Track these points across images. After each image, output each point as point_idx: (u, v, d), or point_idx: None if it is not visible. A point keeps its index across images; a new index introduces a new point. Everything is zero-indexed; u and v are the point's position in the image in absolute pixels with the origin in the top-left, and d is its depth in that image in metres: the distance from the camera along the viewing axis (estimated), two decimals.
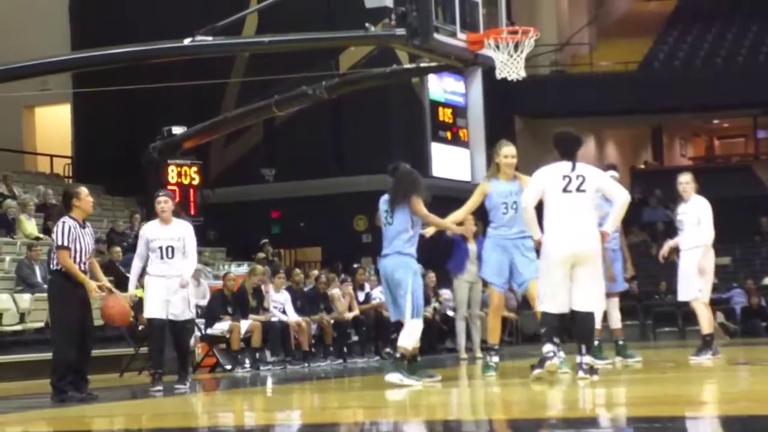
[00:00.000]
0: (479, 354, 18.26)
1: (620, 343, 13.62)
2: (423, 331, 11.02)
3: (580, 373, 10.15)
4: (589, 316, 10.30)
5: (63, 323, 11.50)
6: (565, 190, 10.23)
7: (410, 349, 10.91)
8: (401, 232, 10.93)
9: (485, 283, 12.94)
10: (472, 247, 17.44)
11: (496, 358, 11.76)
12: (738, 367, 12.33)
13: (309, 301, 19.32)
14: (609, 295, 13.28)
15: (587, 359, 10.22)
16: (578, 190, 10.22)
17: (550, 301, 10.35)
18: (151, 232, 12.57)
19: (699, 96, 33.00)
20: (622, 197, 10.32)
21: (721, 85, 32.60)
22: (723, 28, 37.59)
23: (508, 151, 11.67)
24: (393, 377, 10.68)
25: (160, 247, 12.51)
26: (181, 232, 12.65)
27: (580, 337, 10.33)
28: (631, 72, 34.51)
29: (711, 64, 35.12)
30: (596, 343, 13.36)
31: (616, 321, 13.64)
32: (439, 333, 21.15)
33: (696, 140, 43.20)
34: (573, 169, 10.29)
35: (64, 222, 11.45)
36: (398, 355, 10.92)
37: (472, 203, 11.78)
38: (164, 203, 12.68)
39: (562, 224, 10.21)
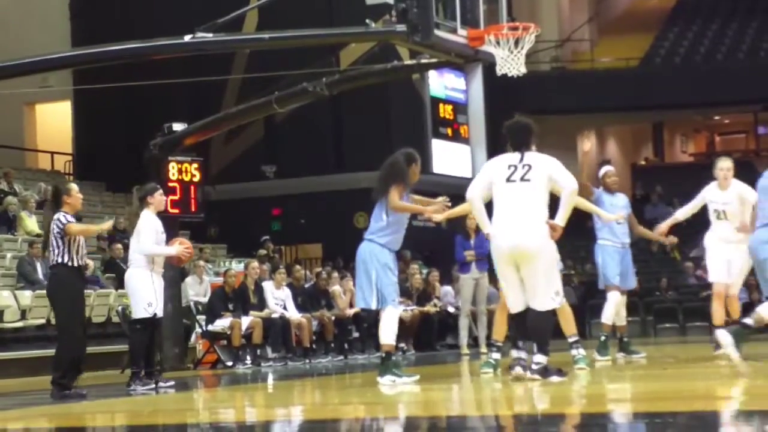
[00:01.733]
0: (484, 350, 18.28)
1: (624, 340, 13.54)
2: (423, 327, 10.96)
3: (529, 373, 9.86)
4: (541, 315, 9.90)
5: (69, 318, 11.49)
6: (508, 179, 9.84)
7: (391, 343, 10.50)
8: (377, 221, 10.66)
9: (491, 279, 12.93)
10: (472, 243, 17.49)
11: (497, 355, 11.67)
12: (741, 362, 12.31)
13: (310, 298, 19.33)
14: (621, 292, 13.33)
15: (539, 358, 9.90)
16: (522, 179, 9.80)
17: (508, 300, 10.05)
18: (157, 223, 12.40)
19: (700, 92, 32.99)
20: (568, 186, 9.80)
21: (722, 81, 32.58)
22: (724, 24, 37.58)
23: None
24: (385, 380, 10.44)
25: (164, 241, 12.42)
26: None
27: (532, 336, 9.96)
28: (631, 68, 34.49)
29: (712, 60, 35.09)
30: (602, 338, 13.33)
31: (621, 318, 13.50)
32: (439, 329, 21.15)
33: (697, 136, 43.19)
34: (521, 159, 9.88)
35: (63, 214, 11.44)
36: (383, 354, 10.62)
37: (461, 208, 11.74)
38: (163, 195, 12.64)
39: (505, 217, 9.82)
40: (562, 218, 9.87)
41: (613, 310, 13.34)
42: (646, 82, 33.14)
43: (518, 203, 9.76)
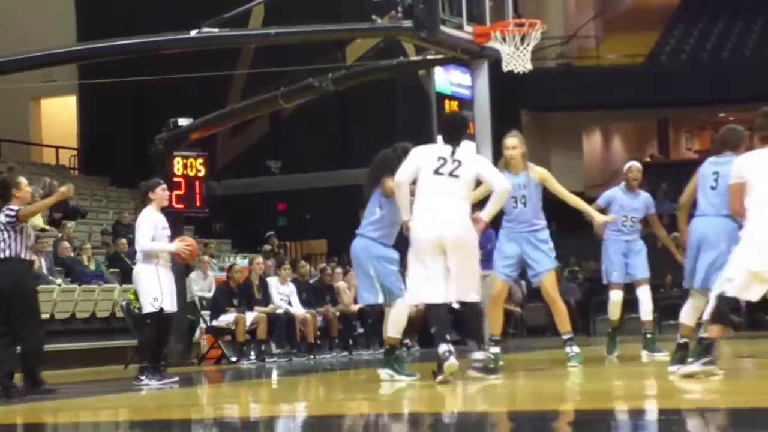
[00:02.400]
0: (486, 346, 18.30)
1: (648, 336, 13.04)
2: (427, 324, 10.85)
3: (473, 372, 9.72)
4: (475, 308, 9.83)
5: (33, 308, 11.33)
6: (437, 171, 9.61)
7: (396, 337, 10.41)
8: (369, 216, 10.47)
9: None
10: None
11: (496, 349, 11.59)
12: (743, 360, 12.31)
13: (314, 293, 19.33)
14: (637, 283, 13.06)
15: (480, 355, 9.76)
16: (451, 174, 9.60)
17: (426, 289, 9.69)
18: (158, 219, 12.29)
19: (705, 89, 32.96)
20: (499, 186, 9.70)
21: (727, 79, 32.55)
22: (729, 21, 37.53)
23: (508, 143, 11.35)
24: (383, 373, 10.35)
25: (168, 236, 12.33)
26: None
27: (469, 332, 9.83)
28: (637, 65, 34.47)
29: (717, 57, 35.06)
30: (608, 332, 13.15)
31: (645, 312, 13.04)
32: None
33: (702, 133, 43.15)
34: (453, 153, 9.66)
35: (9, 206, 11.22)
36: (387, 347, 10.51)
37: (477, 193, 11.70)
38: (166, 191, 12.52)
39: (429, 207, 9.60)
40: (487, 214, 9.80)
41: (615, 307, 13.12)
42: (652, 79, 33.11)
43: (444, 196, 9.57)
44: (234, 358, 17.33)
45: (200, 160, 17.65)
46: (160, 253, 12.12)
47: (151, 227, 12.10)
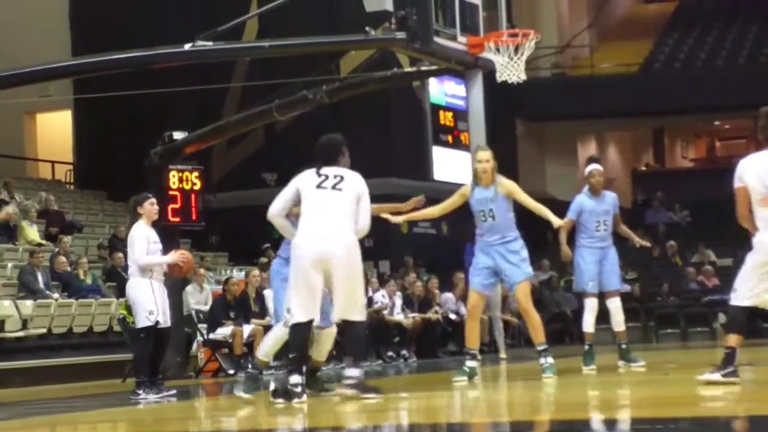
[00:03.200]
0: (503, 354, 18.32)
1: (623, 346, 12.84)
2: (425, 334, 10.85)
3: (344, 390, 9.54)
4: (357, 328, 9.61)
5: None
6: (319, 186, 9.59)
7: (264, 360, 10.63)
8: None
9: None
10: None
11: (472, 363, 11.50)
12: (741, 369, 12.31)
13: None
14: (608, 294, 12.85)
15: (355, 372, 9.57)
16: (334, 188, 9.57)
17: (299, 309, 9.50)
18: (150, 233, 12.29)
19: (700, 97, 33.00)
20: (362, 225, 9.61)
21: (722, 87, 32.58)
22: (723, 29, 37.58)
23: (481, 155, 11.37)
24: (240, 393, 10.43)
25: (160, 250, 12.33)
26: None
27: (352, 350, 9.76)
28: (631, 74, 34.51)
29: (712, 65, 35.11)
30: (585, 347, 12.91)
31: (617, 323, 12.81)
32: (441, 336, 21.17)
33: (697, 142, 43.21)
34: (333, 171, 9.66)
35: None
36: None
37: (448, 203, 11.66)
38: (155, 206, 12.51)
39: (313, 223, 9.50)
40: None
41: (591, 317, 12.85)
42: (646, 88, 33.15)
43: (328, 210, 9.52)
44: (231, 371, 17.32)
45: (196, 174, 17.67)
46: (154, 267, 12.12)
47: (144, 241, 12.10)
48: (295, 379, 9.43)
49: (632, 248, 13.48)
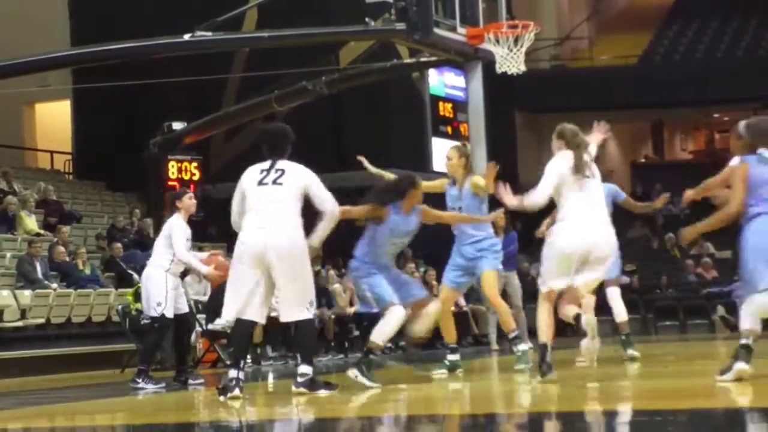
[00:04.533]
0: (495, 346, 18.34)
1: (622, 337, 12.70)
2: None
3: (299, 387, 9.36)
4: (309, 324, 9.48)
5: None
6: (260, 183, 9.46)
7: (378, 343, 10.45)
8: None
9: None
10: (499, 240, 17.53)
11: (453, 356, 11.52)
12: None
13: None
14: (606, 283, 12.64)
15: (305, 369, 9.42)
16: (274, 182, 9.44)
17: (240, 307, 9.39)
18: (186, 229, 12.41)
19: (699, 90, 32.98)
20: (328, 210, 9.63)
21: (721, 79, 32.58)
22: (723, 22, 37.57)
23: (447, 154, 11.48)
24: (350, 372, 10.28)
25: (190, 246, 12.52)
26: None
27: (301, 347, 9.69)
28: (631, 66, 34.49)
29: (711, 58, 35.09)
30: (623, 337, 12.74)
31: (619, 314, 12.61)
32: (438, 327, 21.13)
33: (696, 134, 43.18)
34: (273, 164, 9.54)
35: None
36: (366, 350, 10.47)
37: (430, 184, 11.70)
38: (193, 199, 12.70)
39: (255, 218, 9.41)
40: (317, 237, 9.66)
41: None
42: (646, 80, 33.13)
43: (270, 205, 9.38)
44: (230, 362, 17.30)
45: (195, 164, 17.68)
46: (172, 265, 12.27)
47: (183, 236, 12.24)
48: (232, 373, 9.35)
49: (631, 240, 13.43)
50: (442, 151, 27.68)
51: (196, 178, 17.63)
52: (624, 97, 33.25)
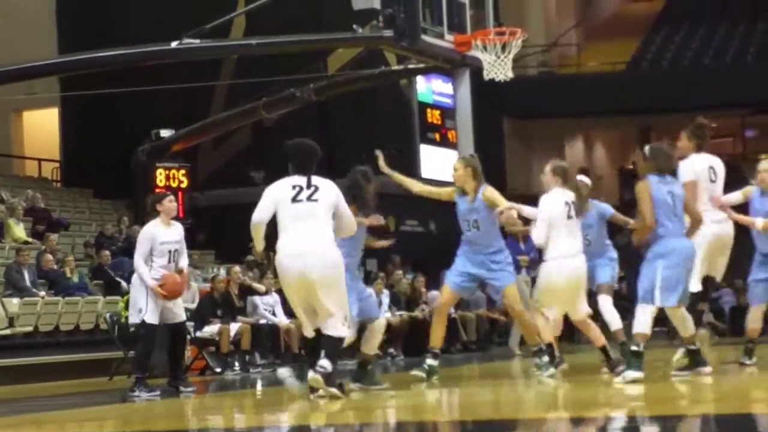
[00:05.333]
0: (518, 351, 18.36)
1: (619, 346, 12.34)
2: (412, 333, 10.90)
3: (316, 375, 9.41)
4: (334, 341, 9.52)
5: None
6: (294, 200, 9.54)
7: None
8: None
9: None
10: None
11: (432, 361, 11.48)
12: (727, 367, 12.34)
13: None
14: (599, 289, 12.52)
15: (327, 363, 9.43)
16: (309, 199, 9.55)
17: (302, 323, 9.73)
18: (159, 233, 12.37)
19: (687, 96, 33.04)
20: (346, 229, 9.74)
21: (709, 85, 32.67)
22: (710, 28, 37.66)
23: (453, 164, 11.43)
24: (353, 386, 10.38)
25: (170, 251, 12.40)
26: (180, 234, 12.59)
27: (327, 348, 9.54)
28: (618, 72, 34.57)
29: (699, 64, 35.18)
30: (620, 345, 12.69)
31: (613, 322, 12.44)
32: (428, 334, 21.10)
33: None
34: (308, 181, 9.64)
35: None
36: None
37: (432, 191, 11.74)
38: (174, 203, 12.66)
39: (294, 238, 9.46)
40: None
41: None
42: (633, 86, 33.21)
43: (304, 224, 9.46)
44: (218, 369, 17.29)
45: (183, 171, 17.69)
46: (153, 266, 12.24)
47: (147, 244, 12.26)
48: (327, 367, 9.39)
49: (619, 247, 13.31)
50: (430, 157, 27.82)
51: (184, 185, 17.64)
52: (612, 103, 33.34)
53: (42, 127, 30.44)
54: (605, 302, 12.39)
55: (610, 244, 12.67)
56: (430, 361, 11.49)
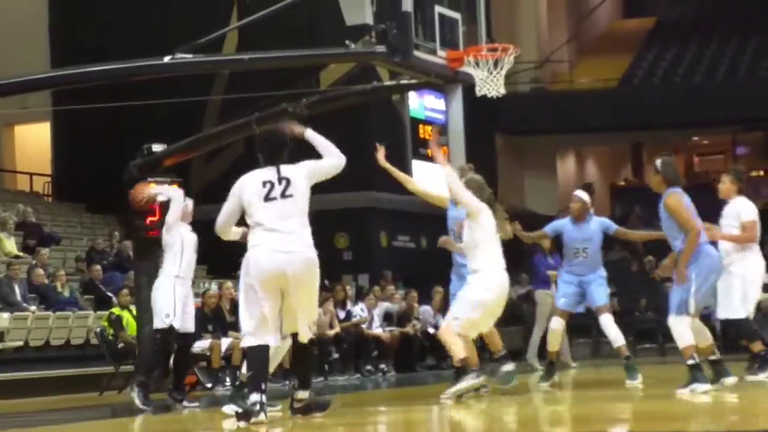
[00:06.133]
0: (573, 363, 18.32)
1: (623, 361, 12.64)
2: (403, 348, 10.85)
3: (296, 414, 9.13)
4: (308, 347, 9.07)
5: None
6: (267, 198, 9.01)
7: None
8: None
9: None
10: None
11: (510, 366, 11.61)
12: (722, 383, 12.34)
13: None
14: (597, 310, 12.66)
15: (304, 394, 9.15)
16: (283, 195, 9.03)
17: (259, 331, 8.88)
18: (186, 232, 12.36)
19: (678, 113, 33.14)
20: (337, 160, 9.63)
21: (700, 102, 32.74)
22: (702, 45, 37.79)
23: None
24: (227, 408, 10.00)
25: (195, 249, 12.37)
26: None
27: (301, 371, 9.21)
28: (610, 89, 34.64)
29: (690, 81, 35.28)
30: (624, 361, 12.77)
31: (616, 339, 12.61)
32: (419, 350, 21.13)
33: (676, 157, 43.37)
34: (278, 172, 9.12)
35: None
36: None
37: (429, 193, 11.80)
38: (190, 207, 12.64)
39: (270, 237, 8.89)
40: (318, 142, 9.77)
41: (554, 336, 12.68)
42: (625, 103, 33.29)
43: (282, 222, 8.93)
44: (209, 385, 17.26)
45: (175, 186, 17.60)
46: (184, 268, 12.07)
47: (179, 239, 12.34)
48: (255, 397, 8.92)
49: (610, 263, 13.39)
50: (422, 173, 27.79)
51: None
52: (603, 119, 33.41)
53: (34, 142, 30.42)
54: (607, 321, 12.64)
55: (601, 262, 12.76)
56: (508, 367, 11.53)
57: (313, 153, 9.59)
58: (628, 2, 45.62)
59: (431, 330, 21.02)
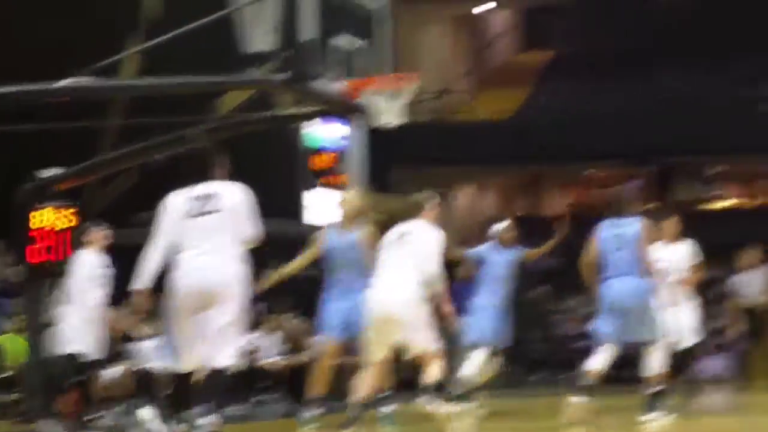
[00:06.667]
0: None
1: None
2: (295, 376, 10.67)
3: None
4: (223, 374, 8.33)
5: None
6: (190, 215, 8.72)
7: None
8: None
9: None
10: None
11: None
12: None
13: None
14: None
15: (215, 419, 8.29)
16: (208, 212, 8.70)
17: (183, 356, 8.43)
18: (100, 261, 12.26)
19: (575, 145, 33.55)
20: (249, 233, 8.70)
21: (596, 135, 33.19)
22: (599, 80, 38.32)
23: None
24: None
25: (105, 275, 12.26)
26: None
27: (207, 395, 8.24)
28: (508, 120, 34.95)
29: (586, 113, 35.73)
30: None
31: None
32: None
33: (574, 189, 43.81)
34: (205, 188, 8.87)
35: None
36: None
37: (305, 260, 11.70)
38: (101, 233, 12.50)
39: (194, 255, 8.47)
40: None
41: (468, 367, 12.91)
42: (523, 135, 33.61)
43: (206, 239, 8.54)
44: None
45: (69, 211, 17.33)
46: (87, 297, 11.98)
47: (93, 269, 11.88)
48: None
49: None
50: (319, 202, 27.71)
51: (71, 225, 17.28)
52: (502, 151, 33.67)
53: None
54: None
55: None
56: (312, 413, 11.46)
57: None
58: (528, 35, 46.11)
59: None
